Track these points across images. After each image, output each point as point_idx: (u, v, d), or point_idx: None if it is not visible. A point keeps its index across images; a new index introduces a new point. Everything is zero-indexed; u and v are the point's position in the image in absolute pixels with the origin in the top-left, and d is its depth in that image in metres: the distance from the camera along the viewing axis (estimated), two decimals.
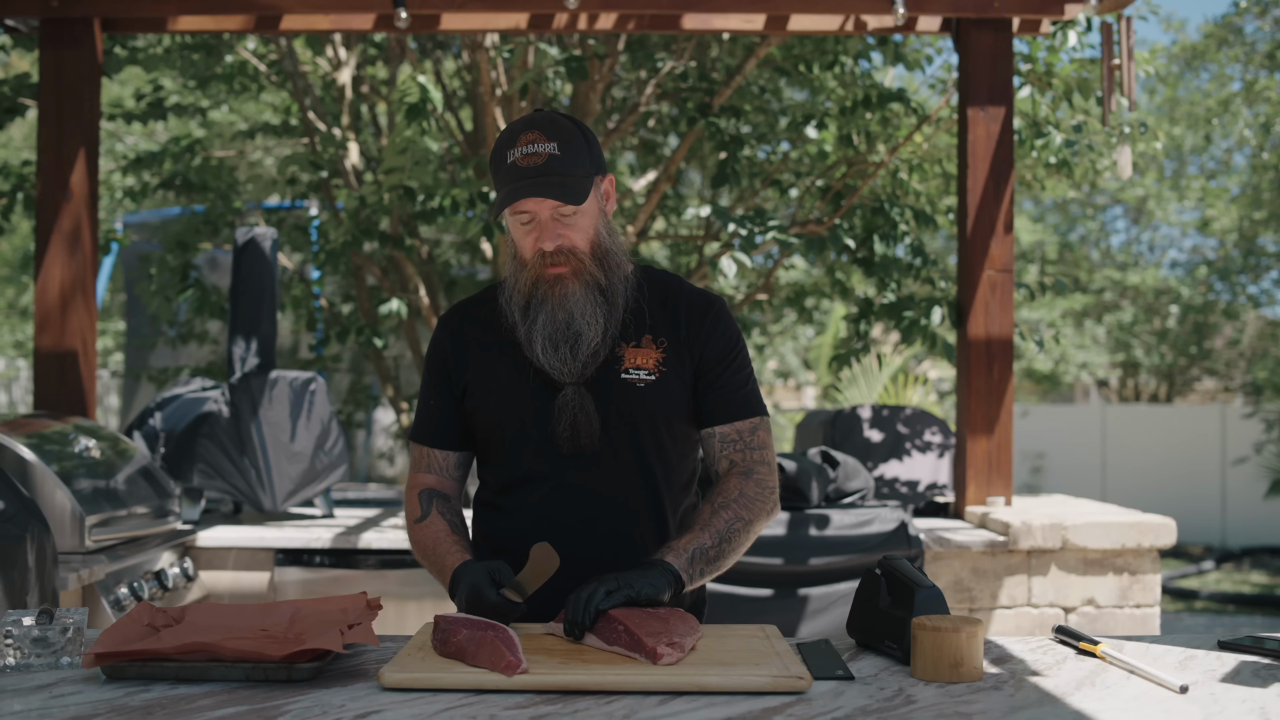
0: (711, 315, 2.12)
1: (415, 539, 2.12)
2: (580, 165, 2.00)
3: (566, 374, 2.03)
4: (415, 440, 2.21)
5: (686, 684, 1.63)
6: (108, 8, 4.16)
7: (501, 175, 2.02)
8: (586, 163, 2.02)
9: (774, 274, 5.92)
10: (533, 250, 2.02)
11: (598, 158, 2.06)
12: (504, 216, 2.05)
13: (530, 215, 2.00)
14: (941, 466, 4.52)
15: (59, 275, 4.11)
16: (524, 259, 2.05)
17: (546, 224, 2.00)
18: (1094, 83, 4.71)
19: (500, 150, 2.03)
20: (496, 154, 2.04)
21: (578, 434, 2.03)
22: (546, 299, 2.02)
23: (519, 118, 2.07)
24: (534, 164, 1.97)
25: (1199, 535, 13.37)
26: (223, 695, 1.60)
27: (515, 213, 2.01)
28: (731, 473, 2.10)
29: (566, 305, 2.01)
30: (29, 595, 2.62)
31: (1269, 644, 1.85)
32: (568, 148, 1.99)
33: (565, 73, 4.75)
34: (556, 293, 2.02)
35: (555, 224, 2.01)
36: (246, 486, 3.97)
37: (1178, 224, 16.98)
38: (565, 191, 1.98)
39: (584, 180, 2.01)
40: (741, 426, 2.13)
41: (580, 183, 2.00)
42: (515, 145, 2.00)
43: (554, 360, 2.02)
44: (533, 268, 2.03)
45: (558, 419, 2.03)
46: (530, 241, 2.02)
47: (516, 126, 2.02)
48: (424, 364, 2.21)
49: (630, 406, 2.06)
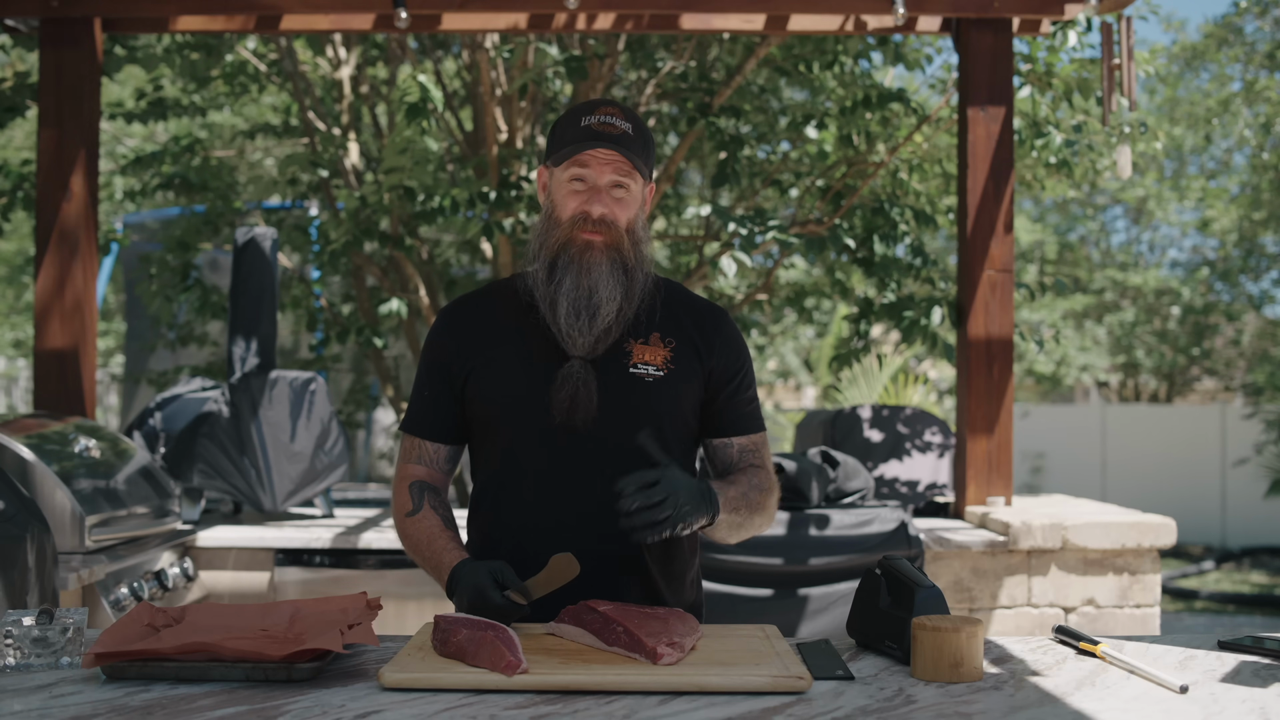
0: (725, 329, 2.17)
1: (407, 532, 2.11)
2: (647, 158, 2.08)
3: (580, 344, 2.04)
4: (406, 431, 2.20)
5: (686, 684, 1.63)
6: (108, 8, 4.16)
7: (571, 134, 2.04)
8: (650, 158, 2.10)
9: (774, 274, 5.92)
10: (574, 211, 2.04)
11: (653, 165, 2.13)
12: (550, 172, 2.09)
13: (586, 177, 2.03)
14: (941, 466, 4.52)
15: (59, 275, 4.11)
16: (560, 218, 2.06)
17: (601, 190, 2.04)
18: (1094, 83, 4.71)
19: (574, 116, 2.06)
20: (568, 118, 2.07)
21: (576, 406, 2.03)
22: (574, 263, 2.04)
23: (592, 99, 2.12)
24: (611, 131, 2.02)
25: (1199, 535, 13.37)
26: (223, 695, 1.60)
27: (576, 167, 2.04)
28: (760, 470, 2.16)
29: (592, 274, 2.03)
30: (29, 595, 2.62)
31: (1269, 644, 1.85)
32: (640, 137, 2.06)
33: (565, 73, 4.75)
34: (585, 259, 2.04)
35: (608, 193, 2.04)
36: (246, 486, 3.97)
37: (1178, 224, 16.99)
38: (636, 162, 2.03)
39: (646, 170, 2.08)
40: (756, 439, 2.19)
41: (644, 170, 2.07)
42: (594, 113, 2.04)
43: (572, 328, 2.03)
44: (569, 227, 2.05)
45: (559, 387, 2.03)
46: (576, 202, 2.05)
47: (596, 102, 2.08)
48: (420, 355, 2.21)
49: (637, 401, 2.06)
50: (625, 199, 2.06)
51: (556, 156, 2.07)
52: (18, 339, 15.39)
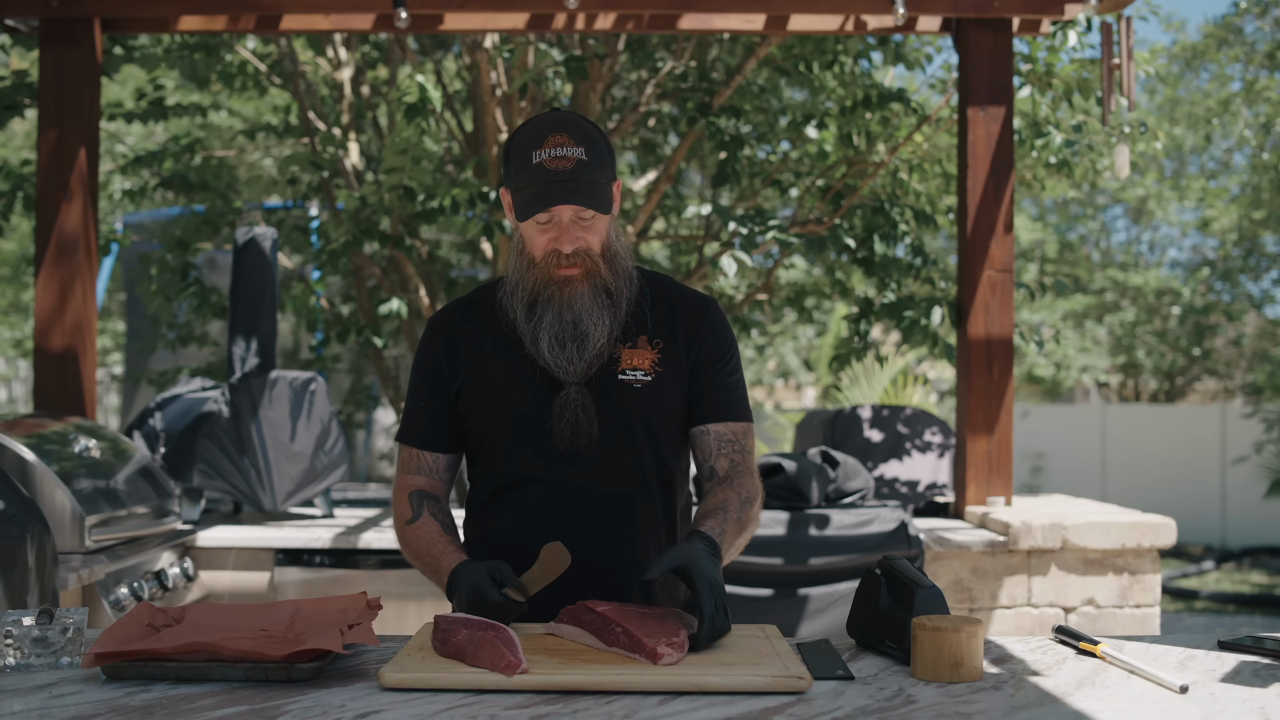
0: (708, 318, 2.14)
1: (406, 540, 2.11)
2: (605, 172, 2.01)
3: (571, 373, 2.03)
4: (404, 442, 2.19)
5: (686, 684, 1.63)
6: (108, 8, 4.16)
7: (526, 174, 1.99)
8: (610, 169, 2.03)
9: (774, 274, 5.92)
10: (546, 250, 2.02)
11: (613, 166, 2.07)
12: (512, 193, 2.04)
13: (551, 218, 1.99)
14: (941, 466, 4.52)
15: (59, 275, 4.11)
16: (533, 257, 2.04)
17: (566, 227, 2.00)
18: (1094, 83, 4.71)
19: (524, 147, 1.99)
20: (519, 150, 2.00)
21: (578, 433, 2.03)
22: (554, 299, 2.02)
23: (540, 114, 2.05)
24: (563, 168, 1.96)
25: (1199, 535, 13.37)
26: (223, 695, 1.60)
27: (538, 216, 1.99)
28: (742, 472, 2.11)
29: (574, 306, 2.02)
30: (29, 595, 2.62)
31: (1269, 644, 1.85)
32: (594, 153, 1.99)
33: (565, 73, 4.75)
34: (565, 294, 2.02)
35: (575, 227, 2.00)
36: (246, 486, 3.97)
37: (1178, 224, 16.99)
38: (595, 199, 1.98)
39: (607, 187, 2.02)
40: (736, 428, 2.14)
41: (605, 189, 2.01)
42: (542, 145, 1.97)
43: (560, 359, 2.02)
44: (543, 267, 2.03)
45: (559, 417, 2.03)
46: (545, 241, 2.02)
47: (542, 125, 2.00)
48: (413, 365, 2.20)
49: (627, 407, 2.06)
50: (593, 225, 2.02)
51: (516, 205, 2.02)
52: (18, 339, 15.39)
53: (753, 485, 2.11)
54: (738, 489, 2.08)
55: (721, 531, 1.98)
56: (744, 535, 2.06)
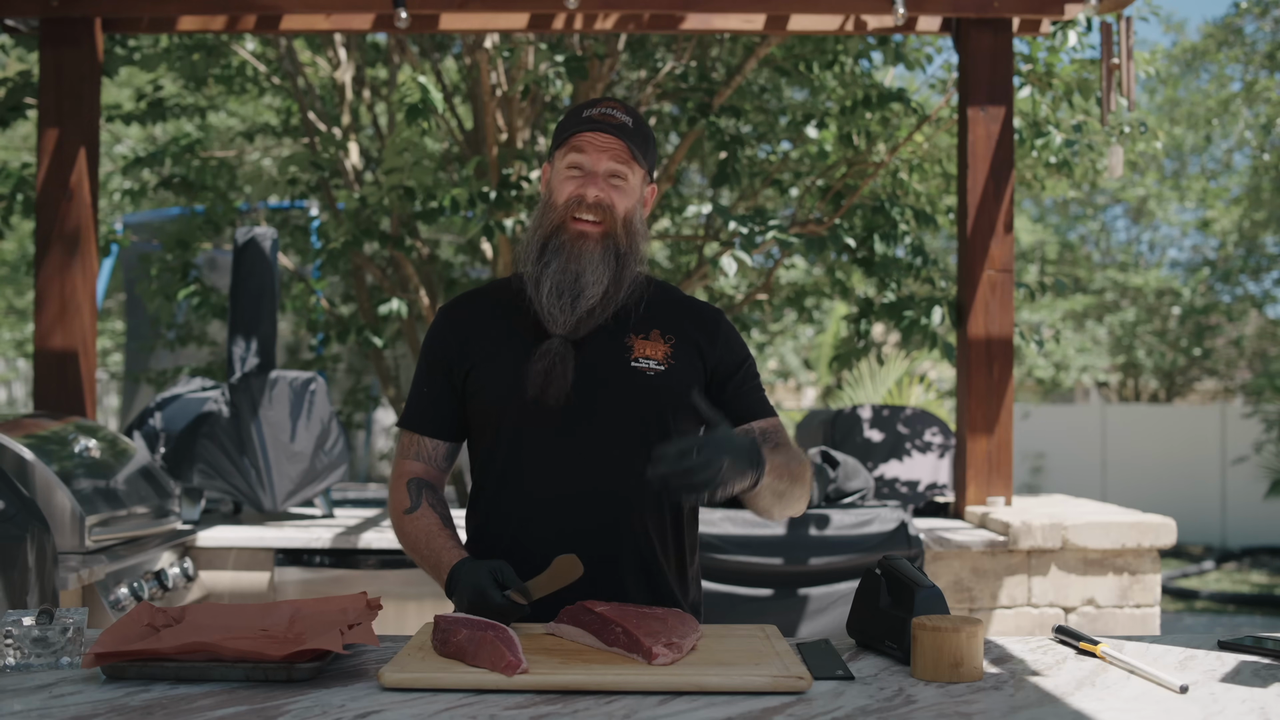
0: (723, 327, 2.18)
1: (405, 530, 2.11)
2: (646, 151, 2.11)
3: (561, 323, 2.05)
4: (405, 427, 2.19)
5: (686, 684, 1.63)
6: (108, 8, 4.16)
7: (572, 124, 2.08)
8: (650, 156, 2.13)
9: (774, 274, 5.92)
10: (570, 195, 2.06)
11: (654, 163, 2.16)
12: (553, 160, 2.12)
13: (583, 164, 2.06)
14: (941, 466, 4.52)
15: (59, 275, 4.11)
16: (555, 203, 2.09)
17: (597, 177, 2.06)
18: (1094, 83, 4.71)
19: (577, 109, 2.10)
20: (571, 113, 2.11)
21: (550, 381, 2.02)
22: (564, 248, 2.06)
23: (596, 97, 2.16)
24: (611, 121, 2.06)
25: (1199, 535, 13.37)
26: (223, 695, 1.60)
27: (574, 154, 2.07)
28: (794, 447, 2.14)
29: (580, 260, 2.05)
30: (29, 595, 2.62)
31: (1269, 644, 1.85)
32: (640, 131, 2.09)
33: (565, 73, 4.75)
34: (576, 245, 2.05)
35: (604, 181, 2.06)
36: (246, 486, 3.97)
37: (1178, 224, 17.00)
38: (633, 153, 2.06)
39: (645, 161, 2.11)
40: (774, 423, 2.18)
41: (643, 162, 2.10)
42: (595, 107, 2.08)
43: (553, 307, 2.04)
44: (563, 211, 2.07)
45: (535, 360, 2.04)
46: (571, 187, 2.07)
47: (598, 99, 2.12)
48: (420, 351, 2.21)
49: (640, 395, 2.06)
50: (623, 188, 2.07)
51: (557, 143, 2.11)
52: (18, 339, 15.39)
53: (804, 454, 2.14)
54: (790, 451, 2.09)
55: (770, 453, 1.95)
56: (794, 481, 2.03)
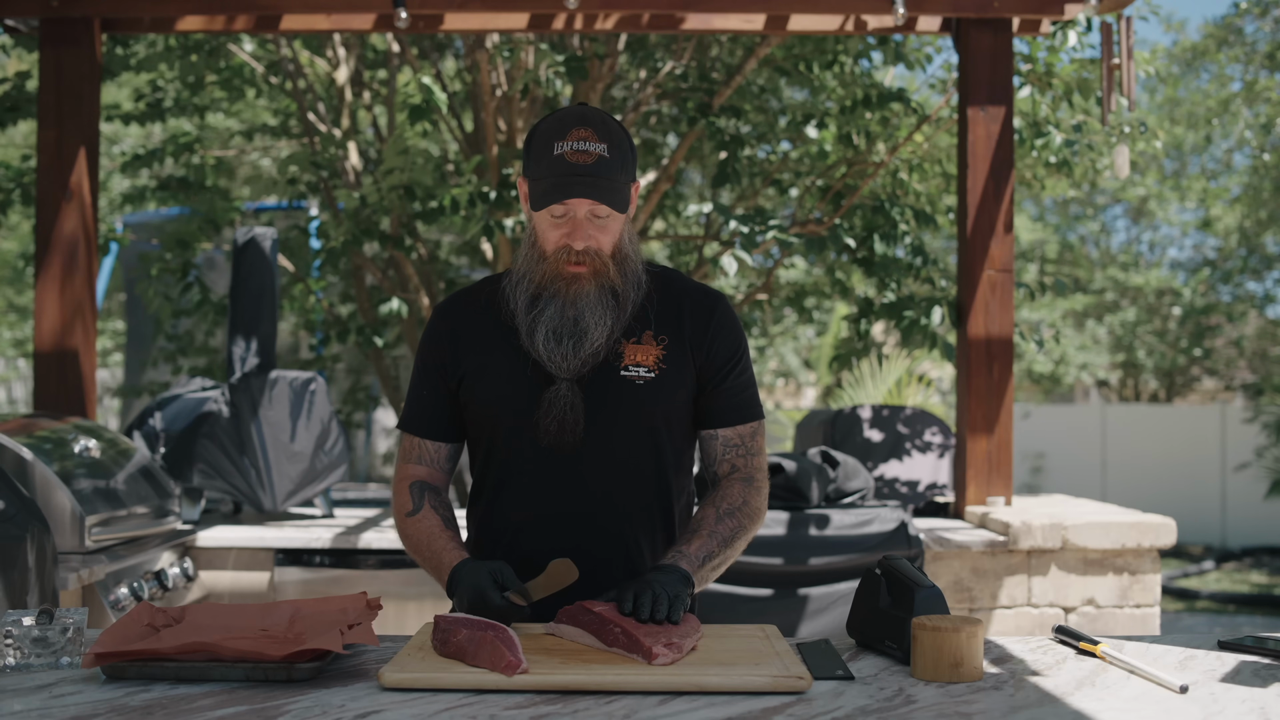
0: (717, 315, 2.12)
1: (407, 533, 2.11)
2: (626, 171, 2.01)
3: (564, 369, 2.02)
4: (406, 430, 2.19)
5: (686, 684, 1.63)
6: (108, 8, 4.16)
7: (545, 164, 1.98)
8: (630, 169, 2.02)
9: (774, 274, 5.92)
10: (558, 245, 2.01)
11: (634, 168, 2.06)
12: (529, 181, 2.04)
13: (566, 212, 1.99)
14: (941, 466, 4.52)
15: (59, 275, 4.11)
16: (544, 251, 2.03)
17: (581, 223, 1.99)
18: (1094, 83, 4.71)
19: (546, 138, 1.99)
20: (541, 140, 2.00)
21: (564, 430, 2.02)
22: (559, 294, 2.02)
23: (567, 107, 2.05)
24: (584, 162, 1.95)
25: (1199, 535, 13.37)
26: (223, 695, 1.60)
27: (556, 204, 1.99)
28: (734, 478, 2.12)
29: (578, 304, 2.01)
30: (29, 595, 2.62)
31: (1269, 644, 1.85)
32: (616, 152, 1.98)
33: (565, 73, 4.75)
34: (571, 291, 2.01)
35: (589, 224, 1.99)
36: (246, 486, 3.97)
37: (1178, 224, 17.00)
38: (613, 197, 1.97)
39: (626, 188, 2.01)
40: (743, 430, 2.14)
41: (624, 189, 2.00)
42: (565, 138, 1.97)
43: (555, 354, 2.01)
44: (553, 262, 2.02)
45: (545, 412, 2.02)
46: (557, 236, 2.01)
47: (567, 119, 1.99)
48: (417, 353, 2.20)
49: (628, 404, 2.05)
50: (607, 224, 2.01)
51: (533, 194, 2.01)
52: (18, 339, 15.38)
53: (740, 491, 2.09)
54: (718, 501, 2.07)
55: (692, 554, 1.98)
56: (730, 547, 2.04)
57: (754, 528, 2.10)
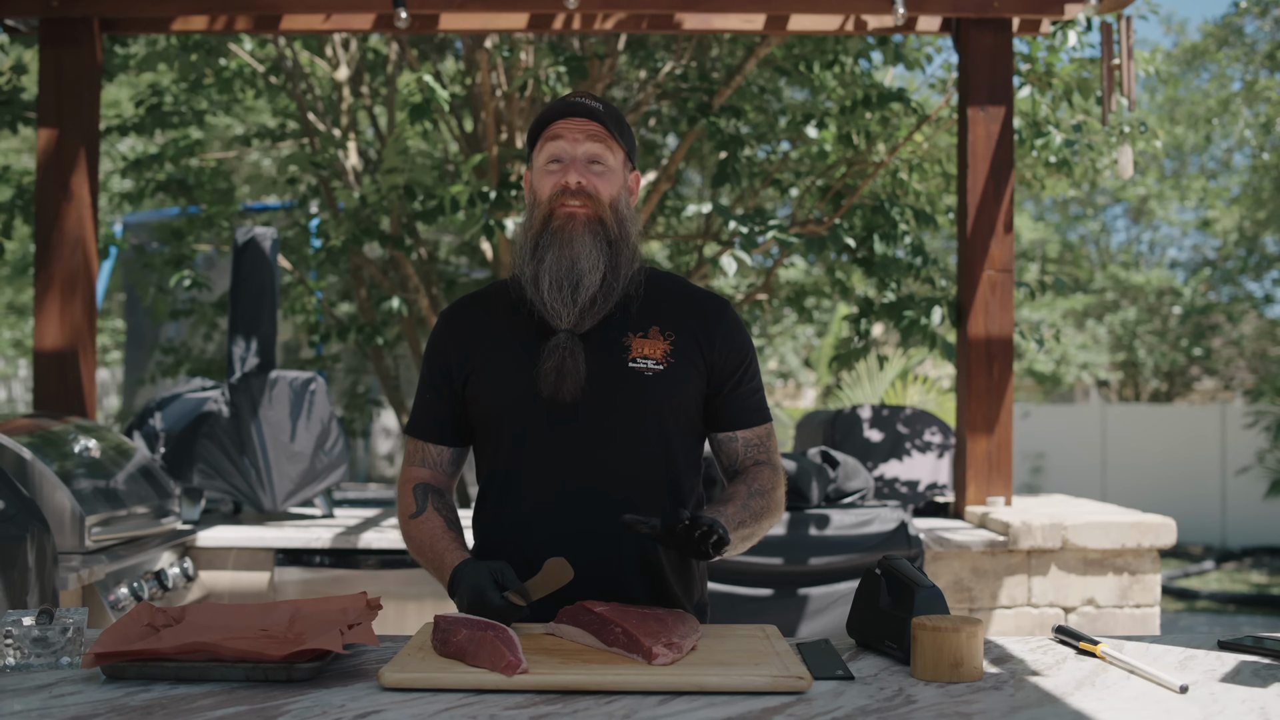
0: (726, 320, 2.14)
1: (410, 534, 2.11)
2: (624, 136, 2.09)
3: (564, 316, 2.03)
4: (411, 434, 2.20)
5: (686, 684, 1.63)
6: (108, 8, 4.16)
7: (544, 118, 2.08)
8: (627, 139, 2.10)
9: (774, 274, 5.92)
10: (553, 187, 2.06)
11: (633, 148, 2.14)
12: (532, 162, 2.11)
13: (561, 155, 2.05)
14: (941, 466, 4.52)
15: (59, 275, 4.11)
16: (540, 199, 2.08)
17: (576, 162, 2.05)
18: (1094, 82, 4.71)
19: (548, 108, 2.10)
20: (543, 113, 2.10)
21: (562, 379, 2.01)
22: (556, 236, 2.04)
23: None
24: (582, 106, 2.06)
25: (1199, 535, 13.37)
26: (223, 695, 1.60)
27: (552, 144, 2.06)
28: (762, 466, 2.15)
29: (573, 246, 2.03)
30: (29, 595, 2.62)
31: (1269, 644, 1.85)
32: (612, 114, 2.08)
33: (565, 72, 4.75)
34: (566, 230, 2.04)
35: (585, 167, 2.05)
36: (246, 486, 3.97)
37: (1178, 223, 17.00)
38: (609, 133, 2.05)
39: (622, 142, 2.09)
40: (760, 432, 2.17)
41: (619, 141, 2.08)
42: (566, 100, 2.08)
43: (555, 301, 2.02)
44: (549, 202, 2.06)
45: (545, 358, 2.02)
46: (553, 180, 2.06)
47: (568, 96, 2.10)
48: (423, 357, 2.21)
49: (638, 396, 2.04)
50: (604, 173, 2.06)
51: (532, 138, 2.11)
52: (18, 339, 15.38)
53: (770, 477, 2.13)
54: (749, 481, 2.10)
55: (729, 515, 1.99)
56: (758, 523, 2.06)
57: (776, 517, 2.12)
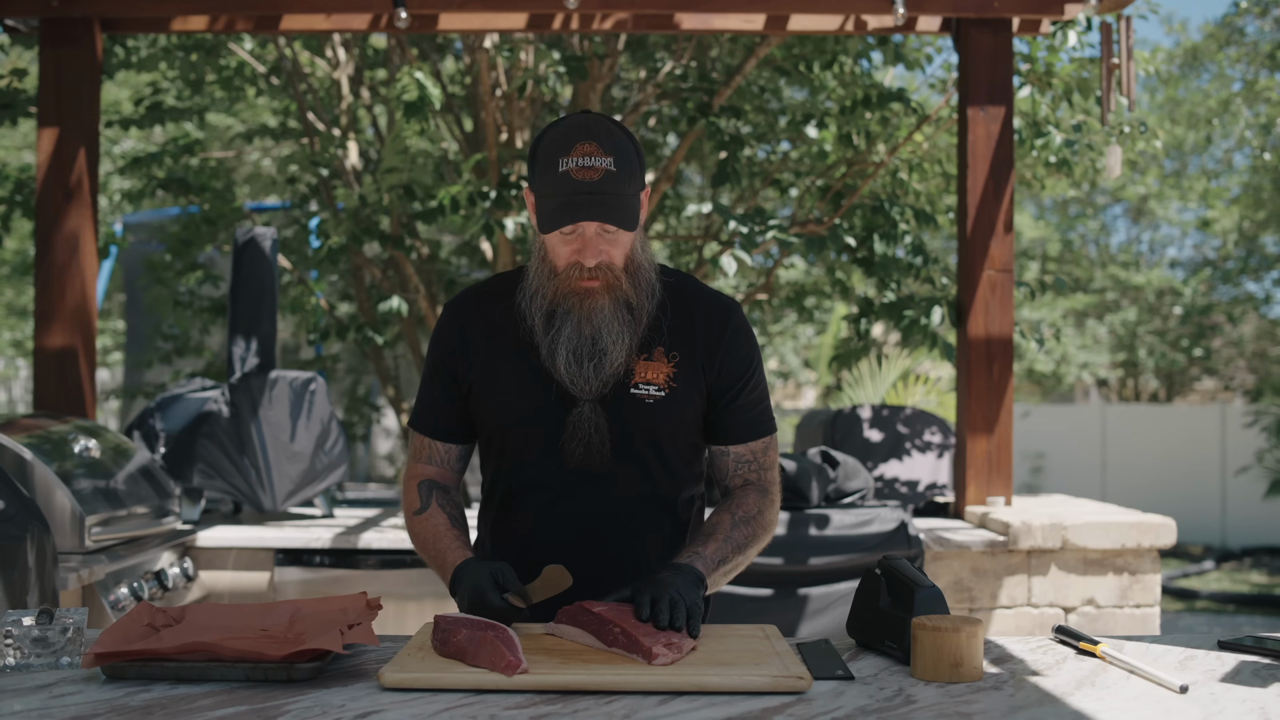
0: (731, 329, 2.08)
1: (415, 531, 2.11)
2: (634, 183, 1.94)
3: (587, 390, 1.99)
4: (416, 429, 2.17)
5: (686, 684, 1.63)
6: (108, 8, 4.16)
7: (551, 182, 1.91)
8: (639, 179, 1.95)
9: (774, 274, 5.92)
10: (569, 261, 1.96)
11: (643, 171, 1.99)
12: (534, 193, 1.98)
13: (575, 229, 1.94)
14: (941, 466, 4.52)
15: (59, 275, 4.11)
16: (556, 268, 1.98)
17: (591, 239, 1.93)
18: (1094, 82, 4.71)
19: (550, 153, 1.92)
20: (545, 155, 1.93)
21: (590, 453, 2.00)
22: (574, 311, 1.97)
23: (570, 116, 1.98)
24: (590, 179, 1.89)
25: (1199, 535, 13.37)
26: (223, 695, 1.60)
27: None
28: (749, 489, 2.12)
29: (594, 320, 1.96)
30: (29, 595, 2.62)
31: (1269, 644, 1.85)
32: (623, 164, 1.91)
33: (565, 73, 4.75)
34: (586, 306, 1.97)
35: (599, 240, 1.94)
36: (246, 486, 3.97)
37: (1178, 224, 17.00)
38: (622, 215, 1.91)
39: (635, 199, 1.95)
40: (755, 446, 2.13)
41: (633, 203, 1.94)
42: (570, 153, 1.90)
43: (576, 376, 1.97)
44: (565, 278, 1.97)
45: (571, 435, 2.00)
46: (568, 252, 1.95)
47: (571, 132, 1.92)
48: (428, 350, 2.16)
49: (638, 422, 2.03)
50: (617, 238, 1.96)
51: (540, 213, 1.95)
52: (18, 339, 15.38)
53: (756, 501, 2.10)
54: (734, 508, 2.08)
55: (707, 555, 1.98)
56: (742, 554, 2.05)
57: (765, 539, 2.10)
